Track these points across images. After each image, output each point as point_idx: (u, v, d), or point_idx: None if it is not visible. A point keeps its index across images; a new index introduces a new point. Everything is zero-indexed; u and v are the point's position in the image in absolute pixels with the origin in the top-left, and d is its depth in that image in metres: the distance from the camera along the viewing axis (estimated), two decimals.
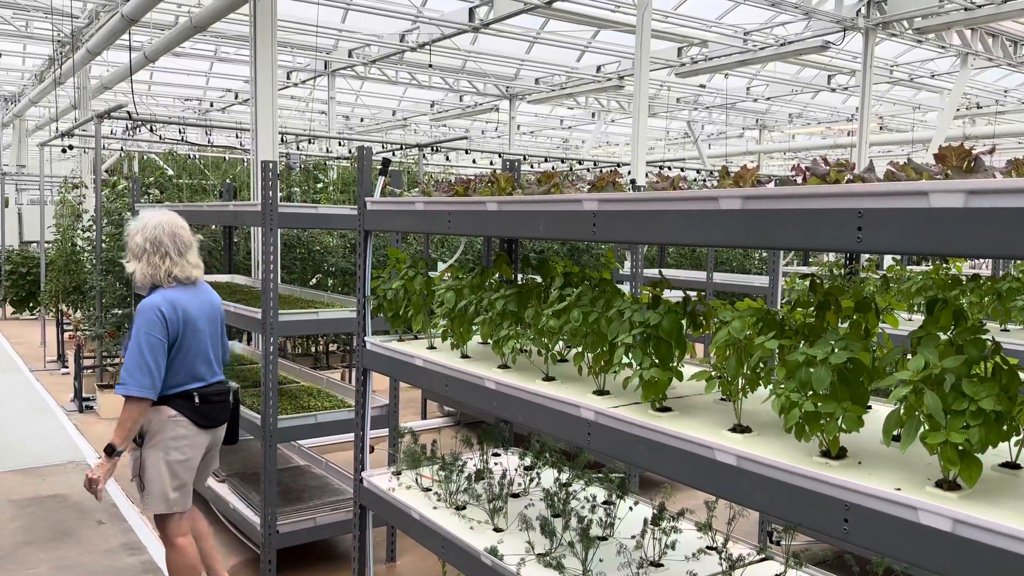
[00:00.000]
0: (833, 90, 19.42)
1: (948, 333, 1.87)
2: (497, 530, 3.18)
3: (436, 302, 3.27)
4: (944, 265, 5.18)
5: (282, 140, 13.78)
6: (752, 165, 2.22)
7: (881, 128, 23.58)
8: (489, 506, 3.23)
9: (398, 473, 3.80)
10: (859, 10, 12.64)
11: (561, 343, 3.03)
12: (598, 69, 17.28)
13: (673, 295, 3.14)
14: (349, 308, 5.16)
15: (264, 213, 4.54)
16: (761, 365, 2.13)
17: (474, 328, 3.20)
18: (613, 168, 14.89)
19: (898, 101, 21.51)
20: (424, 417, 8.79)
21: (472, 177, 3.30)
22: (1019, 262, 5.53)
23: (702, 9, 14.24)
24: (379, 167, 3.74)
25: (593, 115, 23.50)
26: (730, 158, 24.22)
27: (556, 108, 24.01)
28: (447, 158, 17.92)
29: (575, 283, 3.04)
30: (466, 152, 11.88)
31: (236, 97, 20.48)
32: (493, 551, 2.94)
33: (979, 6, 11.54)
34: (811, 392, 1.91)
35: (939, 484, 1.76)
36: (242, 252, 9.53)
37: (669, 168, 14.66)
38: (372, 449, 3.85)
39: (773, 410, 1.97)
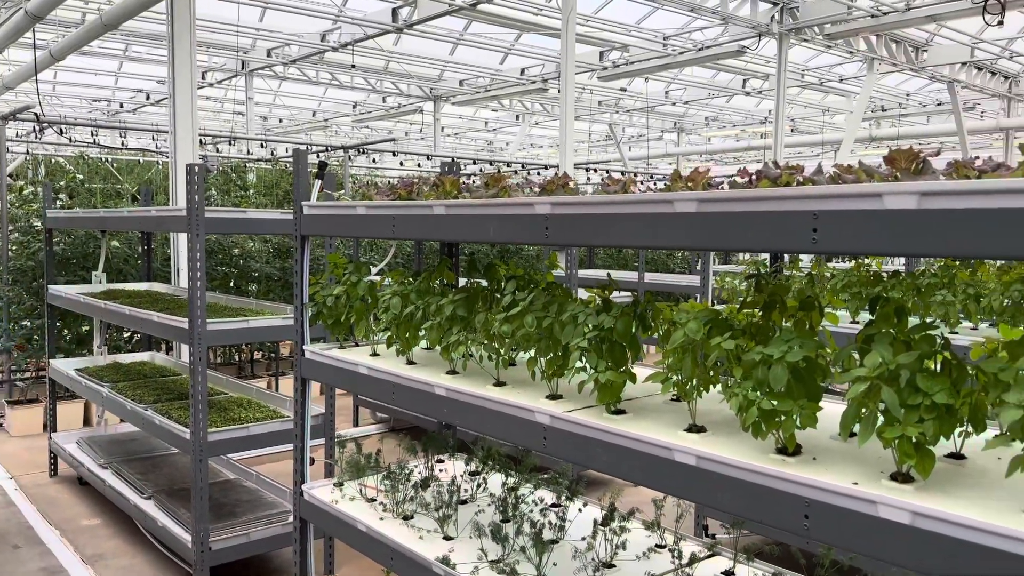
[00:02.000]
0: (748, 94, 20.04)
1: (894, 330, 1.94)
2: (447, 538, 3.14)
3: (381, 308, 3.20)
4: (865, 262, 5.39)
5: (200, 142, 13.34)
6: (703, 168, 2.25)
7: (792, 130, 24.46)
8: (438, 514, 3.18)
9: (340, 484, 3.71)
10: (773, 16, 13.08)
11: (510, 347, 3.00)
12: (522, 72, 17.37)
13: (615, 296, 3.16)
14: (280, 315, 5.01)
15: (190, 219, 4.37)
16: (716, 365, 2.16)
17: (421, 334, 3.15)
18: (564, 172, 14.99)
19: (808, 104, 22.35)
20: (356, 424, 8.64)
21: (416, 179, 3.25)
22: (936, 259, 5.80)
23: (622, 14, 14.48)
24: (316, 170, 3.65)
25: (517, 117, 23.61)
26: (651, 160, 24.73)
27: (480, 110, 24.02)
28: (373, 160, 17.68)
29: (523, 287, 3.02)
30: (393, 154, 11.73)
31: (148, 98, 19.71)
32: (445, 560, 2.90)
33: (884, 13, 12.10)
34: (768, 390, 1.95)
35: (894, 477, 1.82)
36: (159, 259, 9.17)
37: (595, 170, 14.84)
38: (312, 461, 3.74)
39: (731, 409, 2.00)
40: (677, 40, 15.02)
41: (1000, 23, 10.06)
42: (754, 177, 2.21)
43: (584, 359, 2.41)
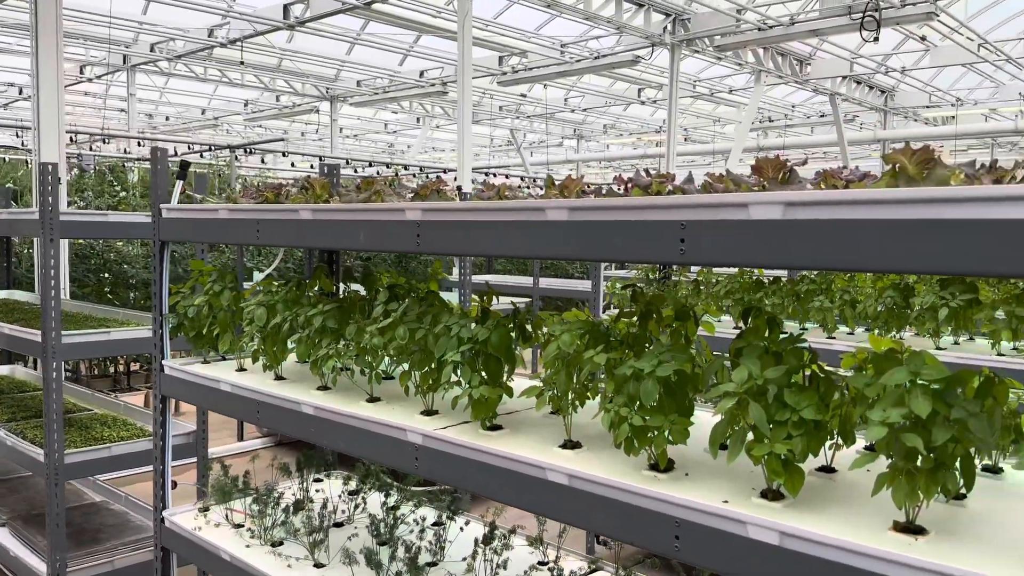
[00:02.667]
0: (643, 103, 20.49)
1: (765, 342, 1.90)
2: (318, 566, 2.95)
3: (245, 319, 2.99)
4: (748, 270, 5.49)
5: (73, 140, 12.51)
6: (576, 175, 2.17)
7: (686, 139, 25.18)
8: (309, 540, 2.99)
9: (206, 509, 3.46)
10: (666, 27, 13.37)
11: (387, 360, 2.85)
12: (421, 74, 17.16)
13: (502, 303, 3.05)
14: (148, 326, 4.67)
15: (43, 221, 4.01)
16: (590, 378, 2.07)
17: (290, 347, 2.95)
18: (438, 175, 14.83)
19: (700, 114, 23.04)
20: (241, 439, 8.25)
21: (284, 182, 3.05)
22: None
23: (521, 20, 14.51)
24: (177, 170, 3.39)
25: (418, 120, 23.35)
26: (551, 165, 24.95)
27: (380, 112, 23.63)
28: (263, 161, 17.07)
29: (401, 296, 2.87)
30: (284, 155, 11.31)
31: (20, 92, 18.44)
32: None
33: (770, 27, 12.55)
34: (639, 406, 1.87)
35: (764, 494, 1.77)
36: (25, 264, 8.51)
37: (495, 175, 14.78)
38: (175, 484, 3.47)
39: (602, 426, 1.92)
40: (574, 48, 15.17)
41: (876, 39, 10.60)
42: (628, 185, 2.14)
43: (459, 372, 2.28)
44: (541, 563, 2.98)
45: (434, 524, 3.29)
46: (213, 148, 11.03)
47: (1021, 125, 16.76)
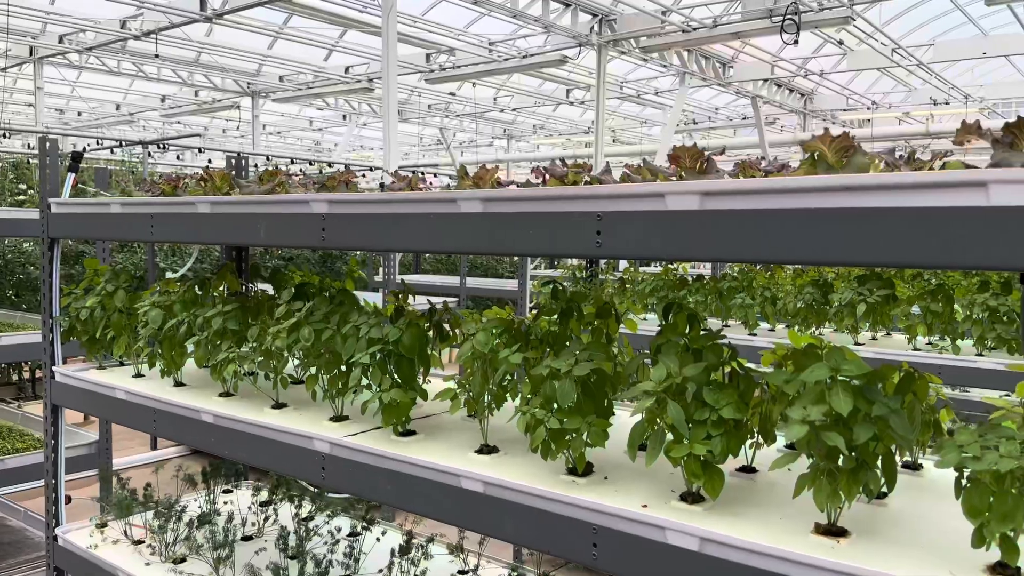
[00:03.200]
0: (572, 103, 20.56)
1: (685, 338, 1.83)
2: None
3: (141, 321, 2.78)
4: (672, 267, 5.50)
5: None
6: (506, 175, 2.06)
7: (614, 141, 25.41)
8: (213, 555, 2.80)
9: (103, 525, 3.22)
10: (592, 27, 13.41)
11: (293, 363, 2.69)
12: (347, 70, 16.81)
13: (423, 303, 2.92)
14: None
15: None
16: (508, 379, 1.97)
17: (189, 351, 2.76)
18: (363, 173, 14.55)
19: (627, 116, 23.29)
20: (155, 447, 7.86)
21: (183, 175, 2.86)
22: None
23: (449, 17, 14.35)
24: (69, 163, 3.14)
25: (345, 117, 22.90)
26: (481, 164, 24.80)
27: (305, 108, 23.09)
28: (179, 158, 16.45)
29: (312, 295, 2.71)
30: (200, 151, 10.87)
31: None
32: None
33: (694, 29, 12.72)
34: (556, 407, 1.78)
35: (684, 497, 1.70)
36: None
37: (423, 173, 14.56)
38: (69, 499, 3.23)
39: (518, 428, 1.82)
40: (503, 47, 15.08)
41: (795, 42, 10.84)
42: (546, 177, 2.05)
43: (369, 376, 2.15)
44: (461, 572, 2.87)
45: (349, 535, 3.14)
46: (124, 144, 10.53)
47: (932, 128, 17.46)
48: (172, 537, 2.95)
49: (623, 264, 7.55)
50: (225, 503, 3.40)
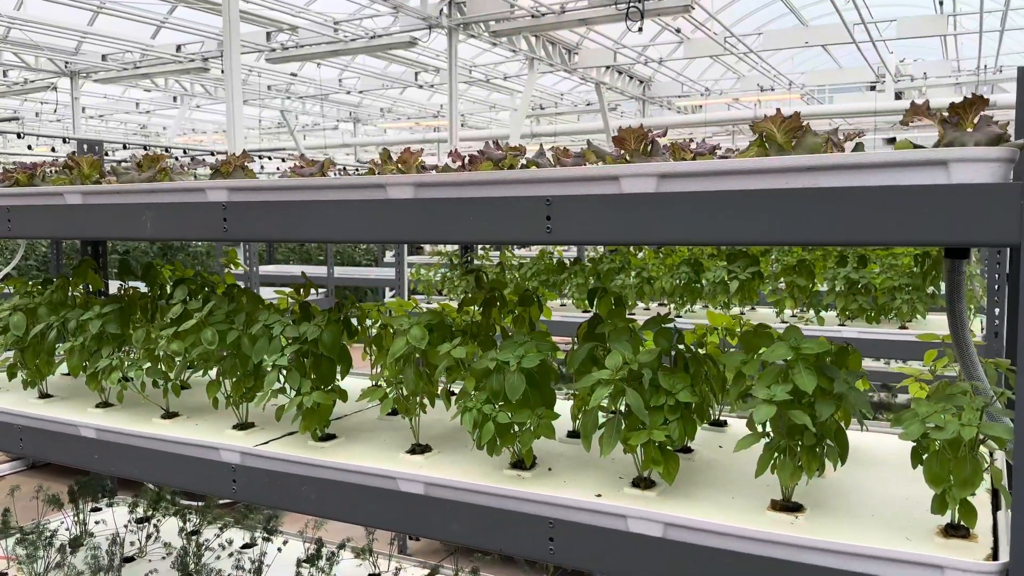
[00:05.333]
0: (420, 87, 20.31)
1: (617, 323, 1.81)
2: None
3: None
4: (549, 250, 5.54)
5: None
6: (354, 159, 1.95)
7: (463, 125, 25.39)
8: None
9: None
10: (442, 10, 13.27)
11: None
12: (178, 48, 15.69)
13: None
14: None
15: None
16: (449, 374, 1.88)
17: (57, 358, 2.45)
18: (243, 151, 13.65)
19: (476, 100, 23.32)
20: None
21: (41, 161, 2.53)
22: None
23: None
24: None
25: (175, 99, 21.43)
26: (328, 149, 24.09)
27: (131, 89, 21.40)
28: None
29: (194, 292, 2.48)
30: (19, 136, 9.78)
31: None
32: None
33: (543, 14, 12.88)
34: (502, 402, 1.71)
35: (636, 483, 1.69)
36: None
37: (269, 158, 13.93)
38: None
39: (464, 426, 1.73)
40: (349, 26, 14.62)
41: (640, 29, 11.22)
42: (467, 160, 1.96)
43: (283, 378, 1.99)
44: (373, 575, 2.75)
45: (243, 547, 2.93)
46: None
47: (759, 113, 18.65)
48: (43, 565, 2.62)
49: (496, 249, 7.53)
50: (97, 522, 3.07)
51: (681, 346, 1.72)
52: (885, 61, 16.08)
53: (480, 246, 6.20)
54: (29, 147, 10.85)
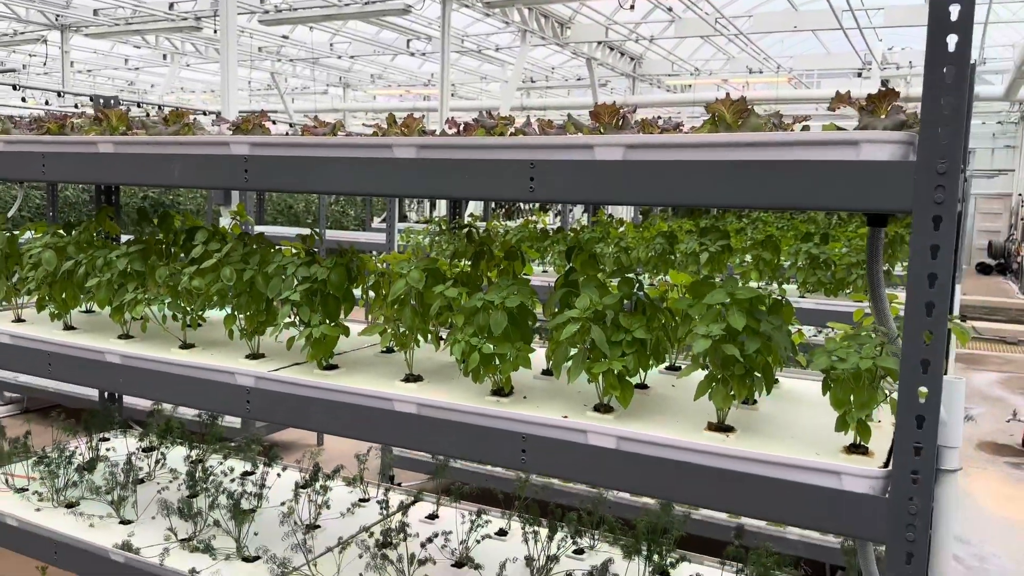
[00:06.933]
0: (412, 54, 20.36)
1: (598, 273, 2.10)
2: (125, 522, 2.78)
3: (29, 264, 2.68)
4: (532, 219, 5.81)
5: None
6: (345, 124, 2.21)
7: (453, 95, 25.45)
8: (114, 496, 2.80)
9: None
10: None
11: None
12: (171, 6, 15.69)
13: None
14: None
15: None
16: (436, 314, 2.15)
17: (85, 293, 2.70)
18: (261, 111, 13.71)
19: (467, 70, 23.38)
20: None
21: (69, 114, 2.76)
22: (600, 212, 6.44)
23: None
24: None
25: (165, 56, 21.34)
26: (317, 114, 24.07)
27: (120, 45, 21.30)
28: None
29: (210, 239, 2.74)
30: (14, 88, 9.86)
31: None
32: (126, 546, 2.57)
33: None
34: (487, 335, 1.99)
35: (597, 408, 1.98)
36: None
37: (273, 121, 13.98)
38: None
39: (453, 356, 2.02)
40: None
41: (632, 7, 11.41)
42: (462, 127, 2.23)
43: (296, 313, 2.26)
44: (363, 500, 3.05)
45: (243, 474, 3.22)
46: None
47: (748, 95, 18.90)
48: (63, 482, 2.90)
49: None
50: (107, 450, 3.34)
51: (641, 293, 2.01)
52: (872, 49, 16.36)
53: (468, 216, 6.47)
54: (24, 99, 10.92)
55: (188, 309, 2.49)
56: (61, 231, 2.78)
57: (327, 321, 2.25)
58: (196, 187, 2.42)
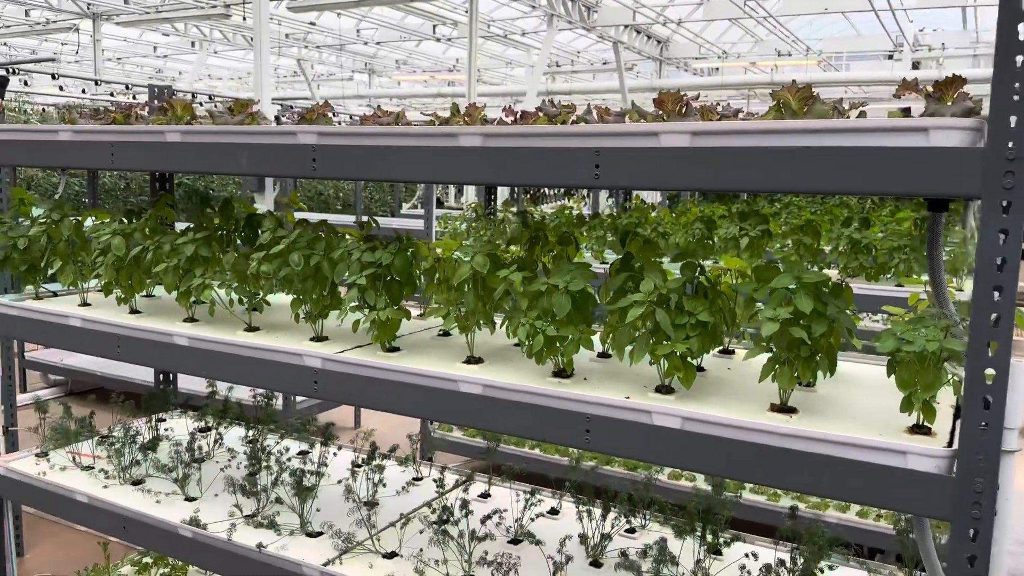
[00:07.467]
0: (438, 40, 20.37)
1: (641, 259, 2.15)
2: (189, 499, 2.89)
3: (97, 249, 2.78)
4: (569, 205, 5.85)
5: None
6: (370, 111, 2.25)
7: (478, 80, 25.42)
8: (179, 474, 2.90)
9: (43, 454, 3.21)
10: None
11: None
12: None
13: None
14: None
15: None
16: (506, 296, 2.21)
17: (154, 279, 2.80)
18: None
19: (492, 55, 23.34)
20: (25, 390, 7.49)
21: (132, 103, 2.84)
22: (637, 197, 6.47)
23: None
24: None
25: (193, 44, 21.53)
26: (342, 100, 24.18)
27: (148, 33, 21.51)
28: (25, 84, 15.02)
29: (258, 225, 2.82)
30: (53, 77, 10.03)
31: None
32: (195, 521, 2.67)
33: None
34: (550, 319, 2.05)
35: (658, 389, 2.03)
36: None
37: (291, 107, 14.10)
38: (6, 429, 3.18)
39: (519, 337, 2.07)
40: None
41: None
42: (519, 115, 2.28)
43: (362, 297, 2.32)
44: (416, 479, 3.13)
45: (299, 453, 3.31)
46: None
47: (776, 78, 18.74)
48: (128, 460, 3.01)
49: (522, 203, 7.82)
50: (165, 431, 3.45)
51: (702, 277, 2.05)
52: (904, 30, 16.13)
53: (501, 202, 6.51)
54: (60, 88, 11.09)
55: (254, 293, 2.57)
56: (120, 219, 2.87)
57: (391, 305, 2.32)
58: (263, 175, 2.51)
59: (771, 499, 4.42)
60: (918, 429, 1.75)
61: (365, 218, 2.71)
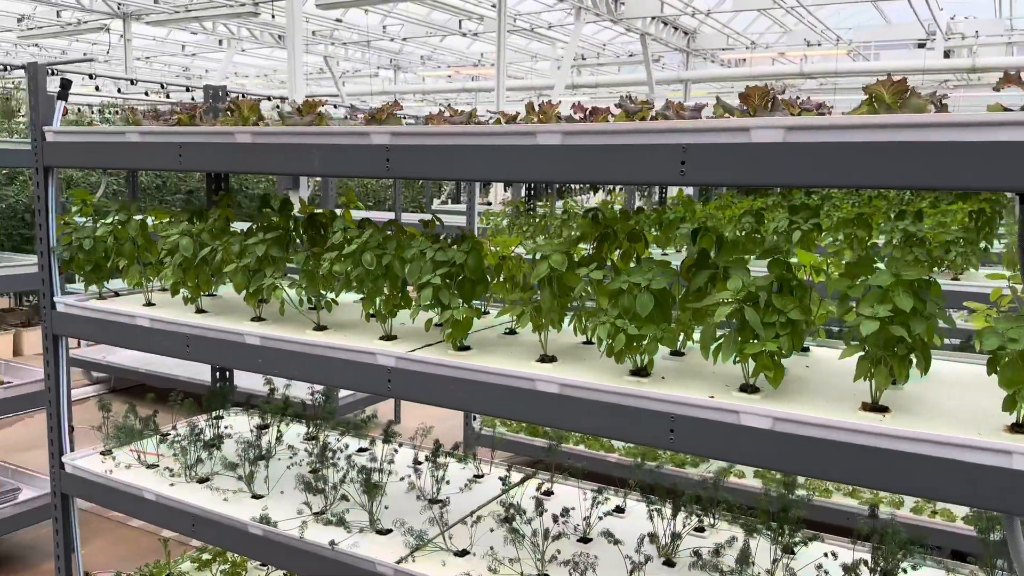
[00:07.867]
0: (464, 34, 20.35)
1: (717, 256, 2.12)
2: (256, 497, 2.90)
3: (164, 249, 2.80)
4: (608, 200, 5.82)
5: None
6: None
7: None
8: (245, 471, 2.92)
9: (108, 452, 3.25)
10: None
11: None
12: None
13: None
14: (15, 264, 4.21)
15: None
16: (584, 294, 2.20)
17: (220, 279, 2.81)
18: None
19: (517, 49, 23.28)
20: None
21: (196, 104, 2.86)
22: (679, 192, 6.43)
23: None
24: (58, 90, 3.04)
25: (221, 42, 21.68)
26: (367, 97, 24.24)
27: (176, 31, 21.69)
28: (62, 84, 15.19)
29: (322, 224, 2.83)
30: (90, 77, 10.14)
31: None
32: (265, 519, 2.68)
33: None
34: (630, 317, 2.03)
35: (743, 388, 2.01)
36: None
37: (353, 106, 14.17)
38: (72, 429, 3.22)
39: (598, 336, 2.05)
40: None
41: None
42: (588, 112, 2.25)
43: (439, 295, 2.32)
44: (477, 476, 3.13)
45: (358, 450, 3.32)
46: (8, 68, 9.63)
47: (805, 69, 18.51)
48: (194, 458, 3.03)
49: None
50: (224, 428, 3.48)
51: (788, 274, 2.02)
52: (936, 18, 15.86)
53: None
54: (97, 88, 11.22)
55: (325, 293, 2.58)
56: (184, 220, 2.89)
57: (464, 304, 2.31)
58: (336, 175, 2.50)
59: (842, 497, 4.41)
60: (1019, 428, 1.71)
61: (428, 216, 2.71)
